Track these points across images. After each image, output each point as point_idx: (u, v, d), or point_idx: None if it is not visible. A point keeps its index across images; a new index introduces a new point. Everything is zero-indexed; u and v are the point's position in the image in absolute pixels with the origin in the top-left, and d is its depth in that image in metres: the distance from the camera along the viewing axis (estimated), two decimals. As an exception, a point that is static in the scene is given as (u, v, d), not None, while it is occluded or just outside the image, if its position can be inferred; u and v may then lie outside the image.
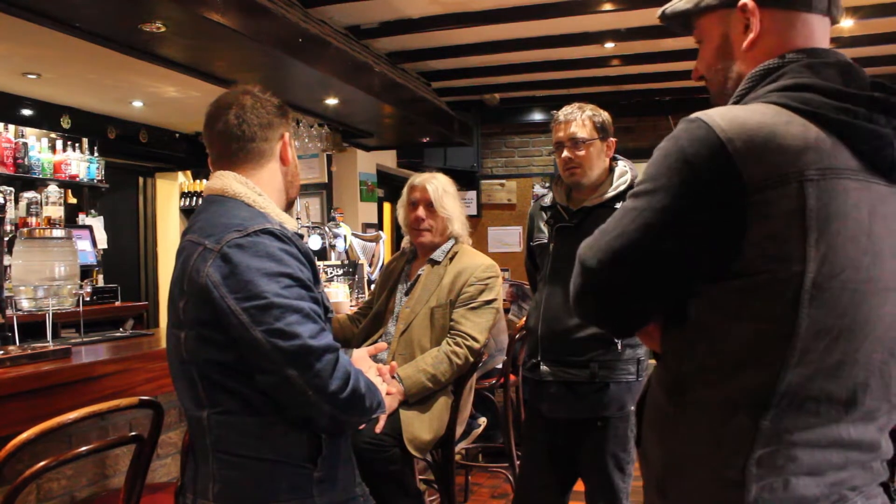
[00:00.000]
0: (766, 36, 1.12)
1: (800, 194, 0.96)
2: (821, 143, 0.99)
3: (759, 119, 1.00)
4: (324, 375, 1.49)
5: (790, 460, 1.00)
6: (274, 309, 1.47)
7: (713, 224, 0.99)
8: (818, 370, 0.99)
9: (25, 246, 2.05)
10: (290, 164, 1.75)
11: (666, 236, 1.03)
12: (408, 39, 5.22)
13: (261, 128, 1.69)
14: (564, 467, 2.57)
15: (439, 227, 2.79)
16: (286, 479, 1.55)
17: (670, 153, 1.03)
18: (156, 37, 3.48)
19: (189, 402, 1.59)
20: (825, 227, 0.97)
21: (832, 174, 0.98)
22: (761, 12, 1.12)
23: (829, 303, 0.98)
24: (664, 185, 1.02)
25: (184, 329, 1.56)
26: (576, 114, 2.49)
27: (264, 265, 1.50)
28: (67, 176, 5.56)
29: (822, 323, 0.98)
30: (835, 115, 1.01)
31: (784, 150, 0.97)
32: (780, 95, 1.04)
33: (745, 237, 0.97)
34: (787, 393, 0.99)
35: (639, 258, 1.05)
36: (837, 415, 1.01)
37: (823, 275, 0.97)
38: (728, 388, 1.01)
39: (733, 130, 0.98)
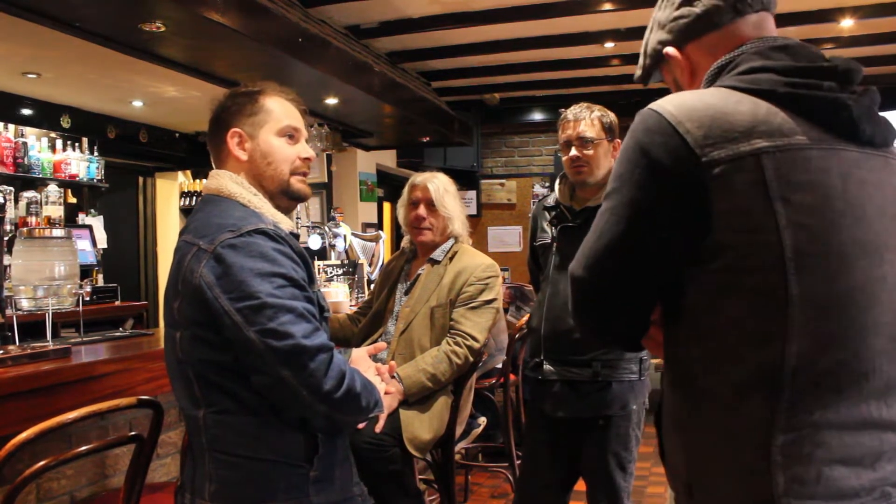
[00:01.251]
0: (701, 63, 1.17)
1: (756, 167, 0.98)
2: (772, 118, 1.01)
3: (708, 101, 1.03)
4: (318, 375, 1.48)
5: (818, 446, 0.96)
6: (267, 309, 1.47)
7: (680, 208, 1.01)
8: (825, 340, 0.97)
9: (25, 245, 2.04)
10: (245, 161, 1.68)
11: (639, 229, 1.05)
12: (408, 39, 5.22)
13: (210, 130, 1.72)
14: (566, 466, 2.56)
15: (440, 226, 2.79)
16: (283, 478, 1.55)
17: (629, 147, 1.06)
18: (156, 36, 3.48)
19: (186, 402, 1.59)
20: (790, 195, 0.97)
21: (788, 146, 0.99)
22: (685, 51, 1.19)
23: (816, 268, 0.97)
24: (628, 180, 1.05)
25: (179, 329, 1.56)
26: (585, 113, 2.49)
27: (257, 265, 1.50)
28: (67, 175, 5.56)
29: (815, 289, 0.97)
30: (783, 89, 1.03)
31: (734, 126, 0.99)
32: (732, 79, 1.07)
33: (712, 214, 0.98)
34: (798, 368, 0.97)
35: (620, 255, 1.07)
36: (859, 388, 0.98)
37: (801, 241, 0.97)
38: (735, 371, 1.00)
39: (683, 114, 1.01)
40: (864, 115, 1.04)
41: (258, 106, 1.70)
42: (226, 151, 1.70)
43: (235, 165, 1.69)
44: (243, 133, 1.68)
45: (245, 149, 1.69)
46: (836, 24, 4.81)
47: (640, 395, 2.49)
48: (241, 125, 1.69)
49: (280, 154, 1.70)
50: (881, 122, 1.07)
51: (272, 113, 1.71)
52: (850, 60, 1.07)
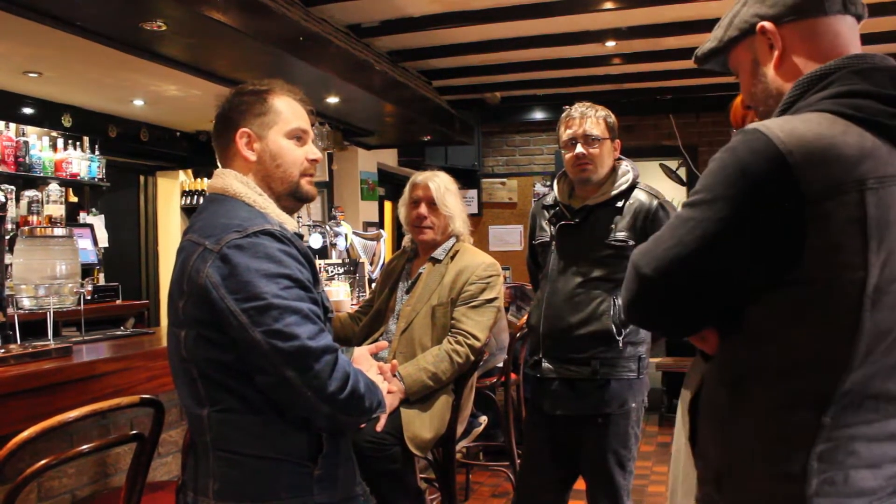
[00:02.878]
0: (793, 49, 1.16)
1: (859, 203, 0.98)
2: (877, 151, 1.01)
3: (817, 130, 1.02)
4: (322, 376, 1.48)
5: (850, 454, 1.03)
6: (273, 310, 1.47)
7: (771, 235, 1.01)
8: (879, 370, 1.03)
9: (26, 244, 2.04)
10: (253, 161, 1.67)
11: (723, 247, 1.05)
12: (409, 38, 5.22)
13: (217, 128, 1.71)
14: (565, 464, 2.57)
15: (441, 224, 2.80)
16: (286, 477, 1.55)
17: (728, 164, 1.05)
18: (157, 35, 3.48)
19: (189, 400, 1.59)
20: (885, 233, 0.99)
21: (890, 181, 1.00)
22: (780, 29, 1.16)
23: (889, 305, 1.01)
24: (722, 196, 1.04)
25: (183, 328, 1.56)
26: (590, 111, 2.50)
27: (263, 266, 1.50)
28: (68, 174, 5.56)
29: (884, 325, 1.01)
30: (890, 121, 1.03)
31: (842, 160, 0.99)
32: (833, 103, 1.05)
33: (805, 247, 0.99)
34: (849, 392, 1.02)
35: (695, 268, 1.07)
36: (894, 410, 1.05)
37: (884, 279, 1.00)
38: (789, 387, 1.05)
39: (792, 142, 1.00)
40: None
41: (267, 106, 1.69)
42: (233, 151, 1.69)
43: (243, 165, 1.69)
44: (252, 133, 1.67)
45: (254, 149, 1.67)
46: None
47: (639, 394, 2.49)
48: (250, 125, 1.67)
49: (289, 156, 1.69)
50: None
51: (281, 114, 1.69)
52: None
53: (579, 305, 2.45)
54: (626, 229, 2.44)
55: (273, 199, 1.68)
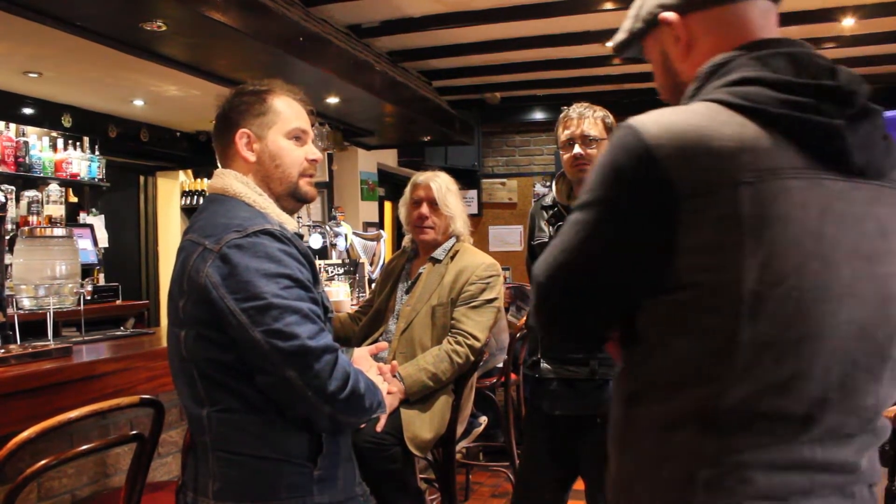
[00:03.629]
0: (700, 39, 1.09)
1: (733, 199, 0.90)
2: (758, 143, 0.93)
3: (692, 121, 0.95)
4: (322, 376, 1.48)
5: (743, 482, 0.92)
6: (273, 310, 1.47)
7: (647, 235, 0.94)
8: (767, 386, 0.92)
9: (26, 245, 2.04)
10: (252, 162, 1.68)
11: (604, 249, 1.00)
12: (409, 38, 5.22)
13: (217, 128, 1.71)
14: (564, 464, 2.57)
15: (442, 225, 2.80)
16: (286, 477, 1.55)
17: (605, 163, 0.99)
18: (157, 35, 3.48)
19: (189, 400, 1.60)
20: (763, 232, 0.90)
21: (771, 175, 0.92)
22: (686, 19, 1.09)
23: (772, 314, 0.91)
24: (599, 197, 0.99)
25: (183, 328, 1.56)
26: (588, 112, 2.49)
27: (263, 266, 1.50)
28: (68, 175, 5.56)
29: (767, 336, 0.91)
30: (776, 109, 0.95)
31: (716, 153, 0.91)
32: (724, 92, 0.98)
33: (678, 248, 0.92)
34: (733, 410, 0.92)
35: (581, 273, 1.02)
36: (795, 433, 0.93)
37: (764, 284, 0.90)
38: (672, 404, 0.96)
39: (663, 136, 0.93)
40: (859, 144, 0.96)
41: (267, 106, 1.69)
42: (233, 151, 1.69)
43: (243, 166, 1.69)
44: (252, 134, 1.68)
45: (253, 150, 1.68)
46: (838, 24, 4.81)
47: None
48: (250, 125, 1.68)
49: (289, 156, 1.70)
50: (879, 150, 0.99)
51: (281, 114, 1.70)
52: (854, 78, 1.00)
53: (579, 306, 2.44)
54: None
55: (273, 200, 1.69)
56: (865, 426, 0.98)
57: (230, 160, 1.71)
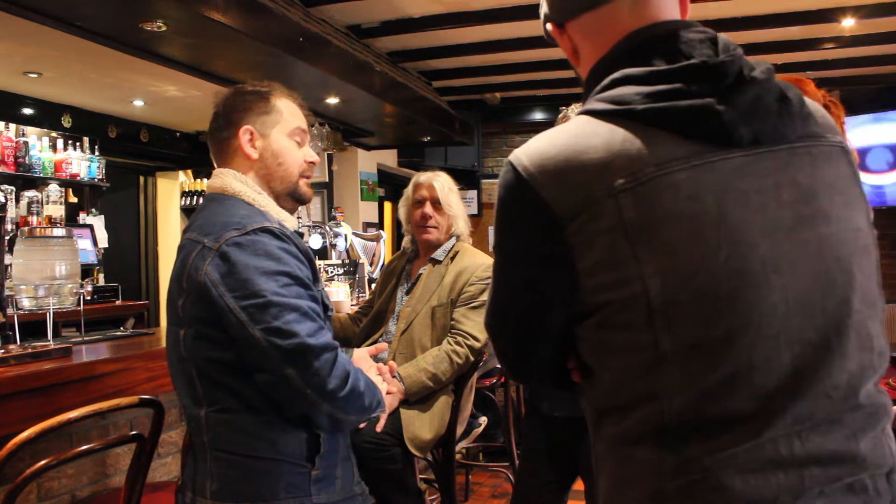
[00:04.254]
0: (582, 46, 1.05)
1: (614, 210, 0.86)
2: (629, 145, 0.88)
3: (559, 142, 0.93)
4: (322, 374, 1.48)
5: (716, 490, 0.86)
6: (272, 307, 1.47)
7: (546, 267, 0.93)
8: (707, 390, 0.86)
9: (26, 245, 2.04)
10: (255, 160, 1.69)
11: (518, 287, 1.00)
12: (409, 39, 5.22)
13: (218, 126, 1.71)
14: (564, 465, 2.56)
15: (445, 224, 2.81)
16: (284, 477, 1.55)
17: (497, 204, 0.99)
18: (157, 36, 3.48)
19: (188, 400, 1.60)
20: (654, 236, 0.86)
21: (650, 174, 0.87)
22: (565, 29, 1.06)
23: (688, 316, 0.86)
24: (498, 239, 1.00)
25: (182, 327, 1.56)
26: None
27: (262, 264, 1.50)
28: (68, 175, 5.56)
29: (690, 339, 0.86)
30: (643, 104, 0.90)
31: (587, 167, 0.89)
32: (595, 100, 0.96)
33: (577, 272, 0.89)
34: (681, 421, 0.87)
35: (506, 317, 1.03)
36: (757, 430, 0.86)
37: (670, 288, 0.86)
38: (625, 425, 0.92)
39: (534, 165, 0.92)
40: (741, 117, 0.89)
41: (271, 105, 1.71)
42: (234, 148, 1.69)
43: (243, 163, 1.69)
44: (255, 131, 1.68)
45: (256, 147, 1.69)
46: (837, 24, 4.81)
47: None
48: (254, 123, 1.69)
49: (290, 155, 1.72)
50: (772, 114, 0.91)
51: (283, 114, 1.72)
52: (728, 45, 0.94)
53: (579, 306, 2.44)
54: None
55: (272, 199, 1.69)
56: (845, 406, 0.89)
57: (229, 158, 1.71)
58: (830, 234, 0.91)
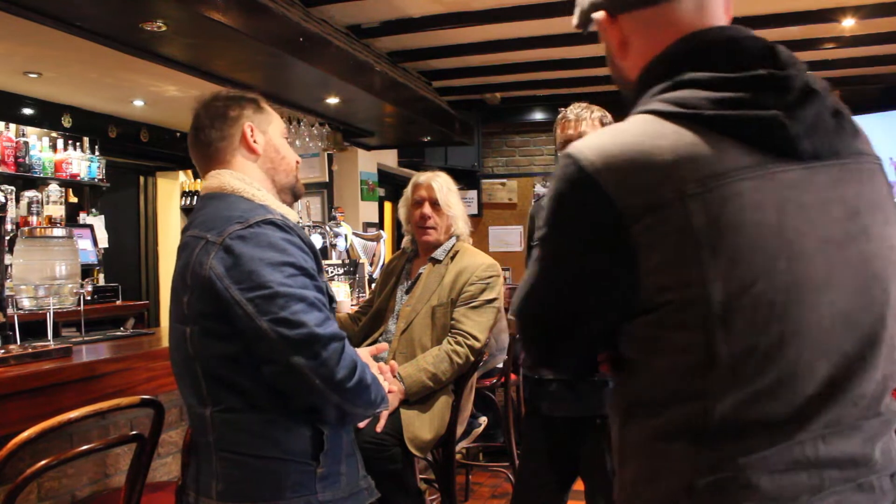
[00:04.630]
0: (634, 39, 1.05)
1: (683, 213, 0.88)
2: (698, 150, 0.90)
3: (627, 140, 0.93)
4: (330, 364, 1.49)
5: (745, 487, 0.90)
6: (279, 298, 1.48)
7: (605, 263, 0.93)
8: (754, 393, 0.90)
9: (26, 245, 2.04)
10: (259, 154, 1.73)
11: (567, 283, 0.99)
12: (409, 39, 5.22)
13: (214, 128, 1.73)
14: (564, 466, 2.57)
15: (444, 225, 2.80)
16: (289, 476, 1.55)
17: (552, 196, 0.98)
18: (157, 36, 3.48)
19: (193, 400, 1.60)
20: (720, 242, 0.87)
21: (718, 181, 0.89)
22: (616, 20, 1.06)
23: (745, 322, 0.88)
24: (550, 233, 0.99)
25: (188, 324, 1.56)
26: (585, 113, 2.49)
27: (267, 255, 1.51)
28: (68, 175, 5.56)
29: (744, 344, 0.89)
30: (711, 110, 0.91)
31: (655, 169, 0.89)
32: (659, 100, 0.96)
33: (640, 270, 0.90)
34: (723, 421, 0.90)
35: (551, 306, 1.02)
36: (791, 434, 0.91)
37: (731, 294, 0.88)
38: (662, 420, 0.95)
39: (600, 161, 0.91)
40: (805, 131, 0.92)
41: (263, 107, 1.78)
42: (234, 147, 1.72)
43: (244, 162, 1.72)
44: (255, 127, 1.73)
45: (258, 142, 1.73)
46: (838, 24, 4.81)
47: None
48: (252, 120, 1.74)
49: (287, 151, 1.79)
50: (829, 130, 0.95)
51: (274, 116, 1.80)
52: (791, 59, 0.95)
53: (578, 306, 2.44)
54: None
55: (273, 194, 1.73)
56: (867, 413, 0.94)
57: (227, 159, 1.72)
58: (871, 251, 0.95)
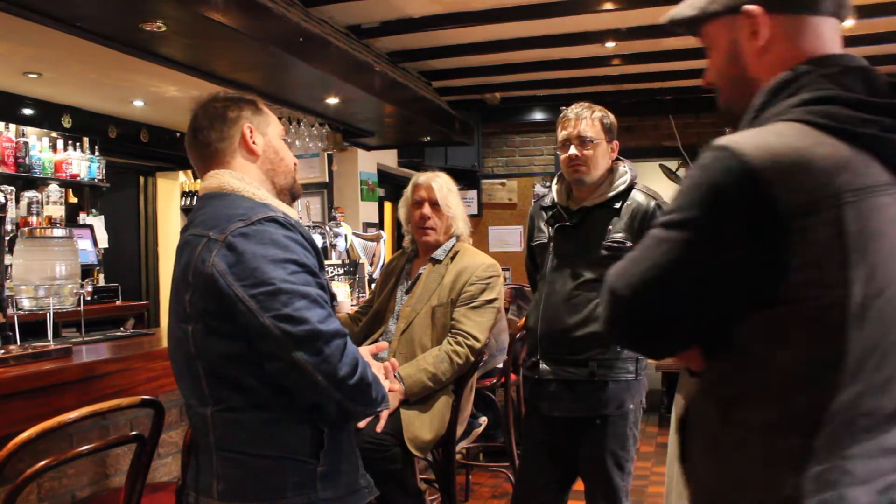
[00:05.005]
0: (776, 42, 1.10)
1: (838, 219, 0.95)
2: (852, 162, 0.98)
3: (789, 143, 0.98)
4: (333, 361, 1.49)
5: (844, 474, 1.00)
6: (282, 295, 1.48)
7: (749, 255, 0.97)
8: (868, 388, 0.99)
9: (26, 245, 2.05)
10: (259, 155, 1.74)
11: (699, 269, 1.01)
12: (408, 39, 5.22)
13: (213, 130, 1.73)
14: (563, 466, 2.57)
15: (444, 225, 2.80)
16: (290, 475, 1.56)
17: (700, 184, 1.01)
18: (156, 36, 3.48)
19: (193, 399, 1.60)
20: (865, 248, 0.96)
21: (866, 193, 0.97)
22: (769, 17, 1.10)
23: (875, 322, 0.97)
24: (695, 217, 1.01)
25: (190, 322, 1.56)
26: (586, 112, 2.50)
27: (270, 252, 1.51)
28: (68, 175, 5.56)
29: (870, 342, 0.98)
30: (861, 128, 0.99)
31: (817, 174, 0.96)
32: (804, 112, 1.01)
33: (785, 266, 0.95)
34: (839, 413, 0.98)
35: (671, 291, 1.04)
36: (887, 425, 1.01)
37: (868, 296, 0.96)
38: (778, 411, 1.01)
39: (764, 158, 0.96)
40: None
41: (261, 109, 1.78)
42: (234, 148, 1.72)
43: (243, 162, 1.72)
44: (254, 128, 1.74)
45: (257, 143, 1.74)
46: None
47: (636, 395, 2.49)
48: (251, 121, 1.74)
49: (286, 153, 1.80)
50: None
51: (272, 118, 1.80)
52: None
53: (577, 307, 2.44)
54: (624, 230, 2.44)
55: (274, 192, 1.74)
56: None
57: (226, 160, 1.72)
58: None
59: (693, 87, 6.77)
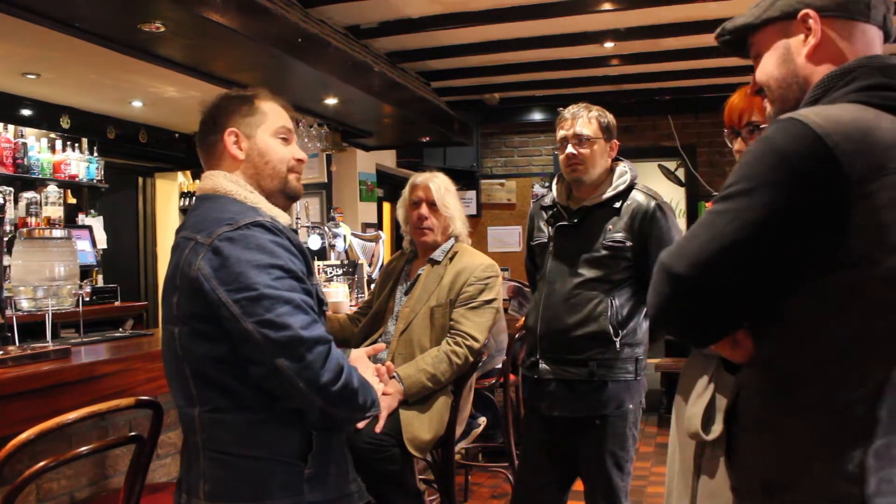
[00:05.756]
0: (827, 44, 1.17)
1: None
2: None
3: (852, 114, 1.04)
4: (314, 367, 1.49)
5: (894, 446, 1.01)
6: (265, 300, 1.48)
7: (817, 219, 1.00)
8: None
9: (25, 246, 2.04)
10: (243, 160, 1.71)
11: (768, 234, 1.03)
12: (407, 39, 5.22)
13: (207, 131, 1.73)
14: (563, 466, 2.57)
15: (441, 226, 2.80)
16: (277, 476, 1.56)
17: (766, 152, 1.04)
18: (155, 37, 3.48)
19: (181, 400, 1.61)
20: None
21: None
22: (822, 21, 1.17)
23: None
24: (763, 184, 1.03)
25: (177, 324, 1.57)
26: (582, 112, 2.51)
27: (255, 257, 1.51)
28: (67, 176, 5.56)
29: None
30: None
31: (881, 143, 1.01)
32: (861, 95, 1.08)
33: (850, 229, 0.99)
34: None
35: (737, 260, 1.05)
36: None
37: None
38: (839, 384, 1.03)
39: (829, 125, 1.01)
40: None
41: (254, 108, 1.75)
42: (220, 151, 1.72)
43: (231, 165, 1.72)
44: (240, 133, 1.72)
45: (242, 148, 1.72)
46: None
47: (636, 395, 2.49)
48: (238, 125, 1.72)
49: (276, 153, 1.75)
50: None
51: (268, 115, 1.75)
52: None
53: (576, 307, 2.45)
54: (623, 230, 2.45)
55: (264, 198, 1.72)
56: None
57: (217, 160, 1.73)
58: None
59: (692, 88, 6.77)
